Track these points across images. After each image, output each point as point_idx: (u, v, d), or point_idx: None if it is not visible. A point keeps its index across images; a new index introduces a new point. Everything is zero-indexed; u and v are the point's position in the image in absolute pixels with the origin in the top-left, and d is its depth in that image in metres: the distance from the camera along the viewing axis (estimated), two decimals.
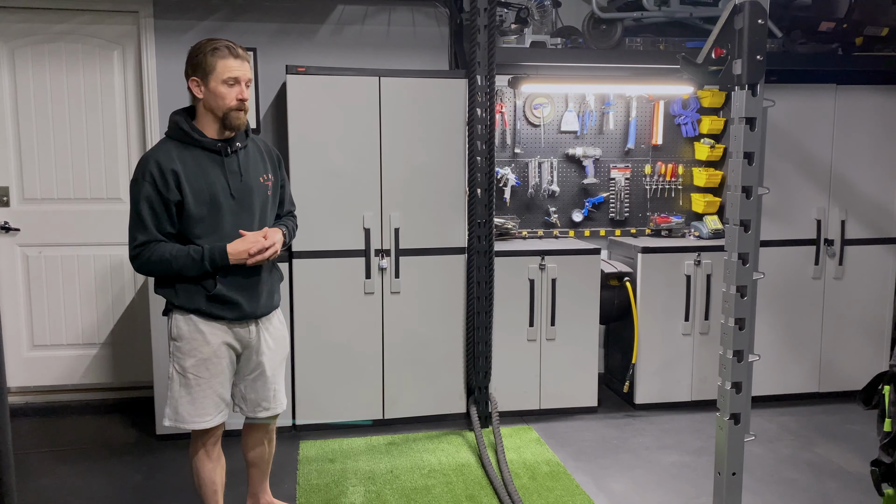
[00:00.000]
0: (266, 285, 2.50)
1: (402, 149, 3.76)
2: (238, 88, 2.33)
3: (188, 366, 2.39)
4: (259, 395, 2.55)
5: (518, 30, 3.87)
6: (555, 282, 3.99)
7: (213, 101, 2.32)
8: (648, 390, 4.17)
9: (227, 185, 2.35)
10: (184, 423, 2.42)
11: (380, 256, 3.79)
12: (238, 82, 2.32)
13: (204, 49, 2.31)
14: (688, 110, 4.45)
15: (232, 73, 2.31)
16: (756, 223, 2.74)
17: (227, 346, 2.43)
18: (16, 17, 3.94)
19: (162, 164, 2.26)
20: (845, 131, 4.20)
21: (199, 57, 2.31)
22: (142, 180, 2.26)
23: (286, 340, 2.66)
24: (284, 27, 4.11)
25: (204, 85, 2.31)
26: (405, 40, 4.22)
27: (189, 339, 2.38)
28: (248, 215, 2.41)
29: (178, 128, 2.33)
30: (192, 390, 2.40)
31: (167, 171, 2.26)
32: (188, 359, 2.39)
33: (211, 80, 2.30)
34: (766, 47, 2.63)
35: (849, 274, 4.29)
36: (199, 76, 2.31)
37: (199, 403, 2.41)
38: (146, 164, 2.28)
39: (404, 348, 3.88)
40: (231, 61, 2.31)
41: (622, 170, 4.48)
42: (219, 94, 2.30)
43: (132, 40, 4.05)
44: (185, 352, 2.39)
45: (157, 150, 2.32)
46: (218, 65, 2.30)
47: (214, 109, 2.33)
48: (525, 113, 4.33)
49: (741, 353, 2.78)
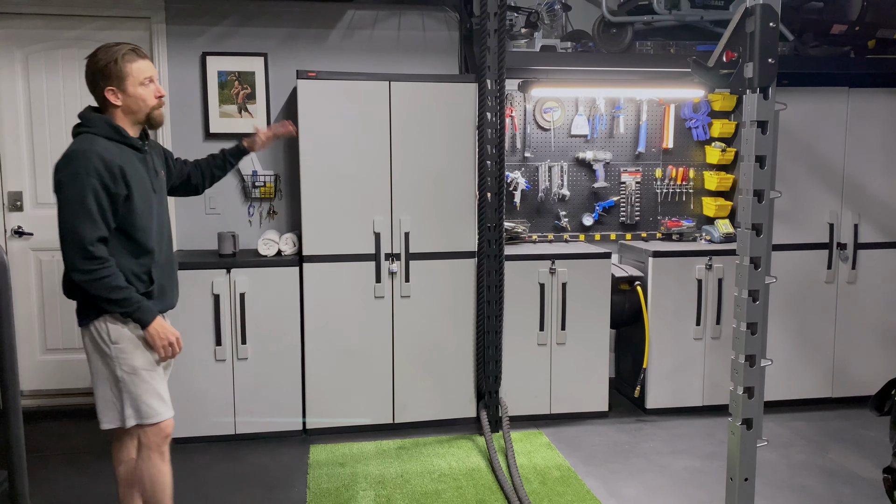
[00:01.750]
0: (175, 278, 2.60)
1: (413, 153, 3.76)
2: (154, 86, 2.37)
3: (140, 363, 2.38)
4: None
5: (528, 34, 3.87)
6: (565, 286, 3.98)
7: (135, 105, 2.33)
8: (660, 395, 4.15)
9: (151, 181, 2.41)
10: (150, 419, 2.39)
11: (390, 260, 3.79)
12: (152, 80, 2.37)
13: (112, 57, 2.30)
14: (698, 114, 4.44)
15: (146, 73, 2.34)
16: (768, 227, 2.73)
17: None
18: (30, 23, 3.97)
19: (106, 159, 2.24)
20: (858, 134, 4.18)
21: (109, 66, 2.29)
22: (86, 175, 2.21)
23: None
24: (294, 32, 4.12)
25: (121, 91, 2.31)
26: (415, 44, 4.23)
27: (130, 338, 2.36)
28: (164, 208, 2.50)
29: (109, 126, 2.32)
30: (148, 383, 2.39)
31: (113, 166, 2.25)
32: (139, 357, 2.37)
33: (128, 85, 2.31)
34: (777, 50, 2.62)
35: (862, 278, 4.25)
36: (113, 85, 2.30)
37: (154, 393, 2.40)
38: (88, 158, 2.22)
39: (414, 352, 3.87)
40: (141, 62, 2.34)
41: (633, 173, 4.47)
42: (140, 97, 2.33)
43: (144, 45, 4.06)
44: (130, 351, 2.36)
45: (91, 145, 2.27)
46: (131, 69, 2.31)
47: (136, 112, 2.34)
48: (535, 117, 4.33)
49: (753, 357, 2.76)
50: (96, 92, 2.34)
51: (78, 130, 2.34)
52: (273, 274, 3.73)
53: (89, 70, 2.34)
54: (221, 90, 4.07)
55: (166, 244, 2.51)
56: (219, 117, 4.09)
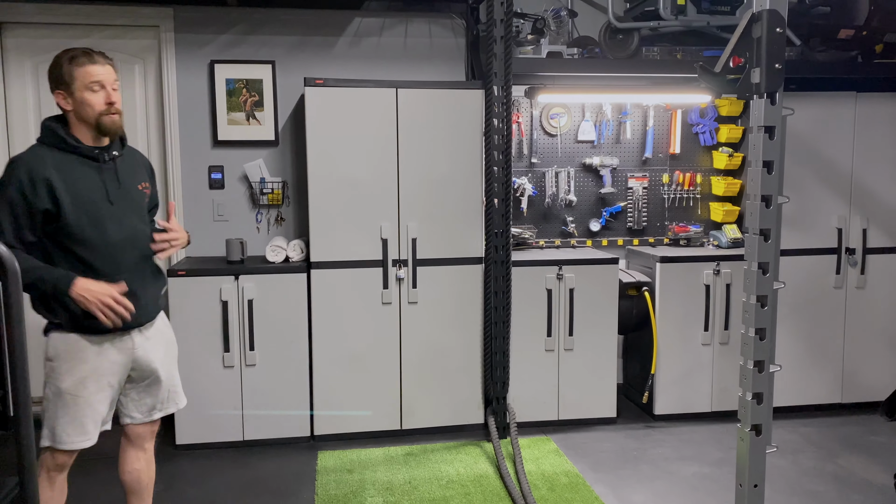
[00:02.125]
0: (149, 293, 2.44)
1: (420, 159, 3.77)
2: (104, 92, 2.28)
3: (65, 387, 2.28)
4: (155, 398, 2.51)
5: (534, 40, 3.88)
6: (572, 291, 3.98)
7: (82, 110, 2.26)
8: (668, 401, 4.14)
9: (106, 191, 2.31)
10: (62, 445, 2.30)
11: (397, 266, 3.80)
12: (103, 86, 2.27)
13: (61, 60, 2.26)
14: (706, 119, 4.43)
15: (94, 77, 2.25)
16: (776, 232, 2.72)
17: (109, 360, 2.34)
18: (39, 32, 4.01)
19: (33, 170, 2.19)
20: (866, 139, 4.16)
21: (58, 69, 2.25)
22: (7, 184, 2.18)
23: (174, 341, 2.61)
24: (302, 40, 4.15)
25: (69, 95, 2.26)
26: (422, 52, 4.24)
27: (67, 358, 2.28)
28: (130, 221, 2.37)
29: (54, 134, 2.26)
30: (71, 410, 2.29)
31: (38, 179, 2.19)
32: (66, 378, 2.28)
33: (75, 90, 2.25)
34: (784, 56, 2.61)
35: (871, 283, 4.23)
36: (62, 89, 2.26)
37: (77, 423, 2.30)
38: (15, 168, 2.20)
39: (422, 358, 3.88)
40: (91, 66, 2.26)
41: (640, 179, 4.47)
42: (86, 102, 2.25)
43: (153, 54, 4.11)
44: (63, 372, 2.28)
45: (28, 155, 2.24)
46: (78, 72, 2.24)
47: (86, 118, 2.27)
48: (542, 123, 4.33)
49: (762, 363, 2.75)
50: (53, 96, 2.30)
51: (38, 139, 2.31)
52: (281, 280, 3.74)
53: (47, 75, 2.31)
54: (229, 98, 4.09)
55: (131, 257, 2.37)
56: (227, 125, 4.11)
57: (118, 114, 2.32)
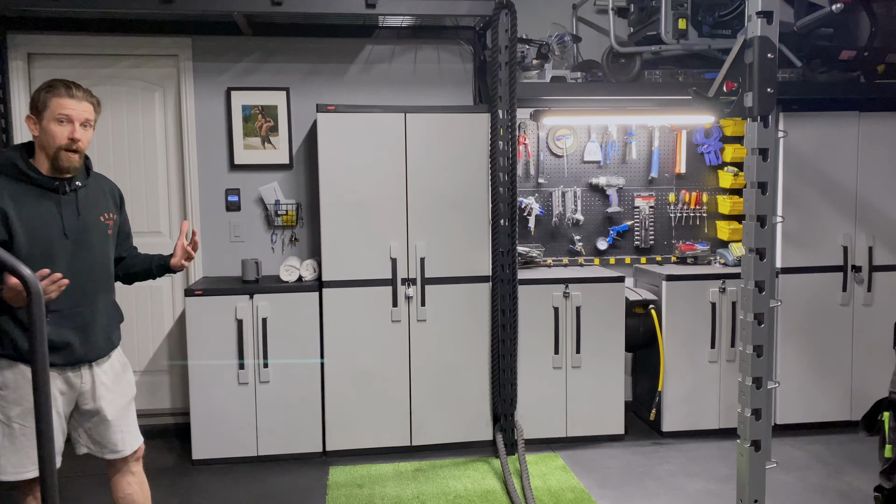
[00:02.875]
0: (102, 326, 2.39)
1: (428, 181, 3.88)
2: (70, 127, 2.25)
3: (13, 415, 2.25)
4: (105, 438, 2.45)
5: (539, 65, 3.98)
6: (579, 309, 4.05)
7: (45, 139, 2.25)
8: (675, 418, 4.18)
9: (62, 223, 2.27)
10: (4, 475, 2.27)
11: (406, 285, 3.90)
12: (70, 121, 2.25)
13: (42, 87, 2.27)
14: (710, 139, 4.51)
15: (64, 110, 2.24)
16: (771, 251, 2.78)
17: (56, 389, 2.29)
18: (65, 63, 4.19)
19: None
20: (870, 158, 4.21)
21: (36, 94, 2.27)
22: None
23: (130, 381, 2.53)
24: (315, 67, 4.29)
25: (38, 122, 2.26)
26: (431, 77, 4.37)
27: (14, 387, 2.24)
28: (87, 254, 2.34)
29: (11, 164, 2.24)
30: (17, 440, 2.26)
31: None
32: (14, 407, 2.25)
33: (44, 118, 2.25)
34: (777, 80, 2.69)
35: (878, 300, 4.26)
36: (34, 114, 2.27)
37: (22, 454, 2.26)
38: None
39: (431, 375, 3.96)
40: (66, 100, 2.25)
41: (646, 198, 4.54)
42: (49, 133, 2.24)
43: (172, 82, 4.27)
44: (11, 400, 2.25)
45: None
46: (51, 102, 2.24)
47: (46, 148, 2.26)
48: (548, 144, 4.43)
49: (760, 379, 2.80)
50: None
51: None
52: (294, 299, 3.85)
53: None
54: (245, 123, 4.24)
55: (81, 292, 2.32)
56: (243, 149, 4.26)
57: (79, 152, 2.29)
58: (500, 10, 3.70)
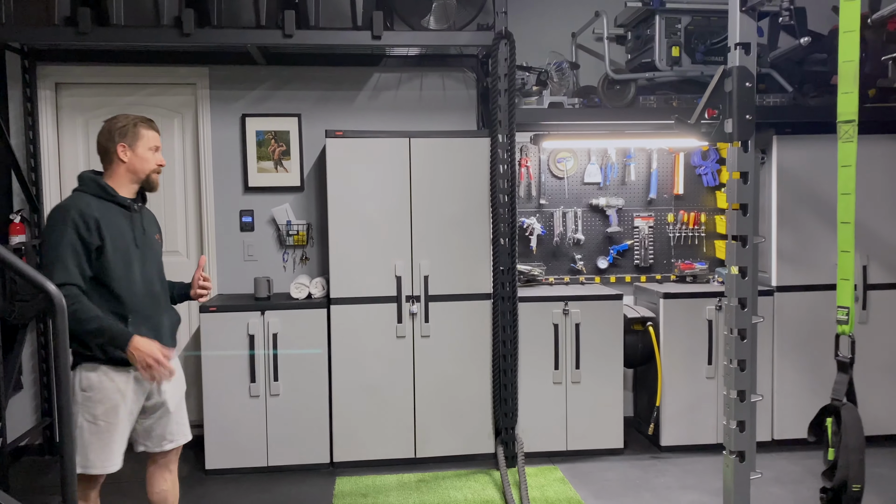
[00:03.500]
0: (168, 326, 2.72)
1: (431, 202, 4.06)
2: (158, 155, 2.70)
3: (99, 413, 2.52)
4: (164, 429, 2.71)
5: (538, 91, 4.16)
6: (578, 326, 4.18)
7: (139, 165, 2.64)
8: (674, 432, 4.28)
9: (134, 235, 2.63)
10: (93, 469, 2.52)
11: (411, 302, 4.06)
12: (158, 150, 2.71)
13: (133, 121, 2.65)
14: (707, 161, 4.64)
15: (155, 141, 2.69)
16: (753, 270, 2.91)
17: (133, 391, 2.58)
18: (90, 91, 4.44)
19: (84, 212, 2.50)
20: (862, 179, 4.26)
21: (126, 127, 2.63)
22: (63, 226, 2.47)
23: (183, 378, 2.84)
24: (326, 94, 4.50)
25: (131, 150, 2.62)
26: (436, 103, 4.56)
27: (99, 388, 2.52)
28: (151, 265, 2.70)
29: (95, 184, 2.60)
30: (103, 437, 2.52)
31: (90, 218, 2.50)
32: (99, 406, 2.52)
33: (138, 147, 2.63)
34: (755, 107, 2.85)
35: (873, 318, 4.34)
36: (127, 142, 2.62)
37: (108, 449, 2.53)
38: (67, 211, 2.50)
39: (434, 390, 4.11)
40: (153, 133, 2.70)
41: (645, 218, 4.68)
42: (145, 159, 2.65)
43: (190, 109, 4.50)
44: (97, 400, 2.52)
45: (74, 200, 2.55)
46: (145, 134, 2.66)
47: (138, 172, 2.64)
48: (549, 166, 4.60)
49: (743, 392, 2.92)
50: (108, 147, 2.63)
51: (73, 190, 2.64)
52: (303, 315, 4.03)
53: (107, 128, 2.65)
54: (259, 148, 4.45)
55: (151, 296, 2.66)
56: (257, 172, 4.47)
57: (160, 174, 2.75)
58: (499, 40, 3.89)
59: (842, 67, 2.23)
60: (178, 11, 3.81)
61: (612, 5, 4.30)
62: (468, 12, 4.02)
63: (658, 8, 3.97)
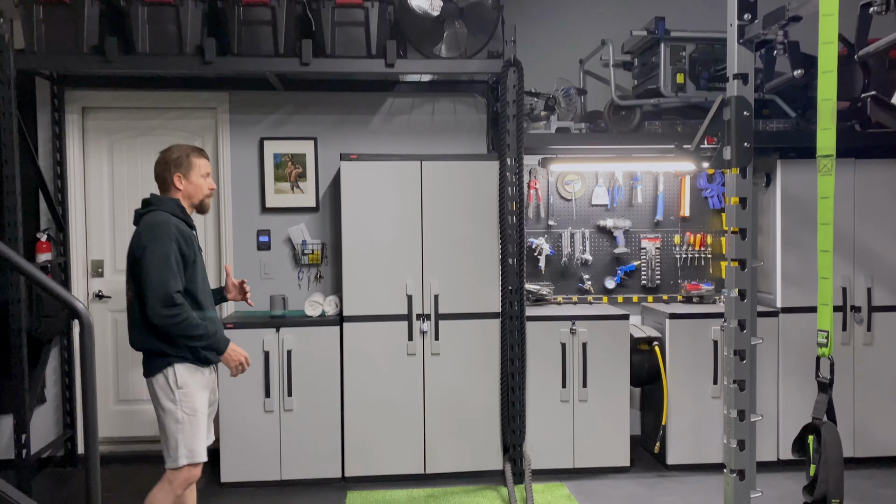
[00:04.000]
0: (221, 329, 3.03)
1: (442, 223, 4.18)
2: (209, 181, 3.00)
3: (198, 405, 2.85)
4: (210, 424, 3.00)
5: (546, 116, 4.28)
6: (585, 345, 4.27)
7: (194, 191, 2.95)
8: (680, 451, 4.34)
9: (197, 252, 2.92)
10: (200, 457, 2.85)
11: (421, 320, 4.17)
12: (209, 176, 3.00)
13: (186, 152, 2.94)
14: (713, 184, 4.74)
15: (206, 169, 2.99)
16: (752, 292, 3.00)
17: (208, 389, 2.94)
18: (115, 115, 4.62)
19: (181, 228, 2.83)
20: (866, 202, 4.39)
21: (180, 158, 2.93)
22: (168, 240, 2.77)
23: None
24: (341, 118, 4.66)
25: (185, 179, 2.93)
26: (448, 127, 4.70)
27: (193, 383, 2.85)
28: (206, 273, 3.00)
29: (175, 205, 2.91)
30: (201, 426, 2.85)
31: (186, 234, 2.84)
32: (196, 399, 2.84)
33: (192, 175, 2.94)
34: (752, 135, 2.95)
35: (878, 339, 4.39)
36: (182, 172, 2.92)
37: (204, 437, 2.88)
38: (168, 227, 2.79)
39: (444, 407, 4.20)
40: (204, 160, 2.99)
41: (652, 239, 4.77)
42: (199, 186, 2.96)
43: (210, 132, 4.67)
44: (192, 394, 2.83)
45: (169, 218, 2.83)
46: (198, 163, 2.96)
47: (192, 197, 2.95)
48: (557, 188, 4.71)
49: (743, 412, 3.00)
50: (165, 176, 2.94)
51: (149, 210, 2.89)
52: (317, 333, 4.15)
53: (163, 159, 2.96)
54: (276, 170, 4.61)
55: (212, 305, 3.01)
56: (274, 193, 4.62)
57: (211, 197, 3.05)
58: (508, 67, 4.03)
59: (820, 105, 2.34)
60: (200, 40, 3.98)
61: (618, 33, 4.42)
62: (478, 40, 4.16)
63: (663, 36, 4.09)
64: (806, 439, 2.53)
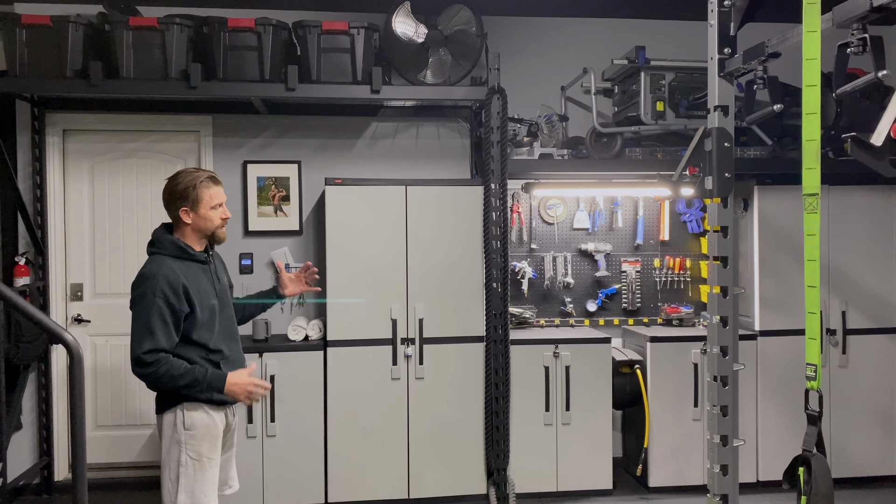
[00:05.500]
0: (243, 359, 2.83)
1: (426, 248, 4.20)
2: (222, 209, 2.73)
3: (204, 450, 2.60)
4: (226, 473, 2.79)
5: (529, 142, 4.34)
6: (568, 369, 4.30)
7: (203, 224, 2.68)
8: (661, 473, 4.38)
9: (214, 289, 2.70)
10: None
11: (405, 344, 4.18)
12: (222, 205, 2.73)
13: (192, 183, 2.66)
14: (692, 209, 4.82)
15: (218, 199, 2.71)
16: (734, 319, 3.06)
17: (223, 430, 2.70)
18: (96, 138, 4.59)
19: (171, 280, 2.54)
20: (840, 227, 4.50)
21: (187, 190, 2.65)
22: (152, 296, 2.51)
23: None
24: (325, 142, 4.68)
25: (193, 212, 2.66)
26: (432, 151, 4.74)
27: (202, 426, 2.61)
28: (229, 311, 2.77)
29: (174, 246, 2.65)
30: (207, 473, 2.61)
31: (178, 286, 2.54)
32: (203, 444, 2.61)
33: (200, 208, 2.66)
34: (733, 166, 3.02)
35: (853, 362, 4.49)
36: (188, 206, 2.65)
37: (212, 484, 2.63)
38: (155, 281, 2.53)
39: (428, 431, 4.20)
40: (216, 189, 2.71)
41: (633, 263, 4.84)
42: (208, 218, 2.68)
43: (193, 155, 4.65)
44: (200, 438, 2.60)
45: (160, 267, 2.58)
46: (205, 195, 2.67)
47: (203, 230, 2.69)
48: (539, 212, 4.76)
49: (726, 437, 3.04)
50: (170, 209, 2.69)
51: (150, 251, 2.69)
52: (300, 357, 4.14)
53: (168, 190, 2.68)
54: (260, 193, 4.60)
55: (230, 337, 2.75)
56: (257, 216, 4.61)
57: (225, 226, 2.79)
58: (491, 94, 4.09)
59: (805, 146, 2.42)
60: (185, 65, 3.98)
61: (599, 61, 4.51)
62: (463, 67, 4.22)
63: (643, 65, 4.18)
64: (796, 471, 2.57)
